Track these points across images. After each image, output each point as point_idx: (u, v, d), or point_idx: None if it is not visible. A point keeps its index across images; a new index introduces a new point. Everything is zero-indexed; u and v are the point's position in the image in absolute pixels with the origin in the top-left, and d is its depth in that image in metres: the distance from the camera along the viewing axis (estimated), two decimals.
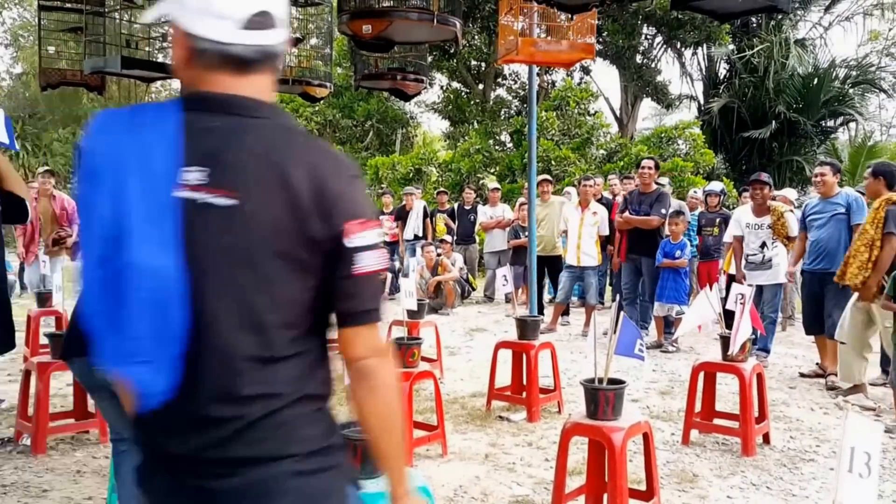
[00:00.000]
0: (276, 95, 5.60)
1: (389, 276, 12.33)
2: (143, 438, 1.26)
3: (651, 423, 3.31)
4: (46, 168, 7.39)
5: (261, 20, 1.21)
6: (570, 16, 4.60)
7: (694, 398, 4.15)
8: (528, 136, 5.36)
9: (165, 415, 1.19)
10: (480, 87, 18.64)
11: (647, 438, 3.19)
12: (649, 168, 6.74)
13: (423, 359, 4.95)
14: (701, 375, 4.19)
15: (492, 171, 15.26)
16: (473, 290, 10.57)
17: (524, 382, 5.05)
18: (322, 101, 17.19)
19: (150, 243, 1.13)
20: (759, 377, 4.10)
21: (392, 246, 12.26)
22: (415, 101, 22.49)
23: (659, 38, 16.73)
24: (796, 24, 15.64)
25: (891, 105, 18.18)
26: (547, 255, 8.18)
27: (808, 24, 16.41)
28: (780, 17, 14.38)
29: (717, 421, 4.30)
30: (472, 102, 18.59)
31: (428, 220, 11.33)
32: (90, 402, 4.24)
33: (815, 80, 15.03)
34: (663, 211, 6.68)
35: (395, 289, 11.73)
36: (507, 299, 10.22)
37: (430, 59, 10.87)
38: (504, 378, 5.07)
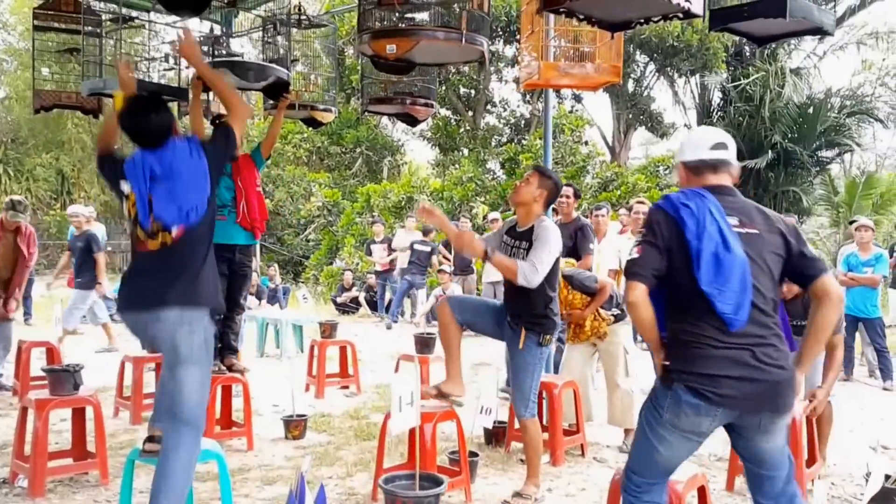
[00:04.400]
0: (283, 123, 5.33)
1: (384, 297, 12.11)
2: (723, 355, 2.33)
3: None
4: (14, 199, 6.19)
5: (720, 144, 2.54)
6: (593, 38, 4.44)
7: None
8: (544, 163, 5.15)
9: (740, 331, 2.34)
10: (470, 114, 18.56)
11: (703, 492, 2.94)
12: (567, 197, 5.67)
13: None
14: None
15: (483, 199, 15.11)
16: None
17: (544, 423, 4.80)
18: (310, 128, 17.16)
19: (737, 248, 2.34)
20: (809, 420, 3.86)
21: (384, 275, 12.02)
22: (403, 129, 22.47)
23: (652, 66, 16.77)
24: (790, 54, 15.74)
25: (886, 135, 18.33)
26: None
27: (803, 53, 16.54)
28: (774, 46, 14.46)
29: None
30: (461, 130, 18.49)
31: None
32: (89, 440, 4.08)
33: (811, 110, 15.07)
34: (591, 246, 5.71)
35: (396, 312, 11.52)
36: None
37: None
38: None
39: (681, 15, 3.03)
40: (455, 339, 3.84)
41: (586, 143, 15.34)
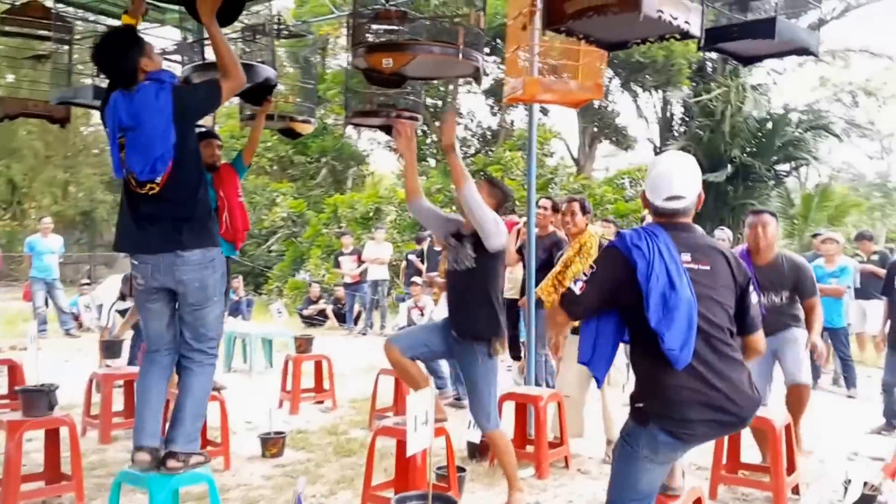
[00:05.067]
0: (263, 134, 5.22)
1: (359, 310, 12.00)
2: (674, 383, 2.37)
3: None
4: None
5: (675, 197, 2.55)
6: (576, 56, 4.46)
7: (721, 451, 3.95)
8: (528, 177, 5.16)
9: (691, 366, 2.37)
10: (438, 124, 18.59)
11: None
12: (545, 209, 5.69)
13: None
14: None
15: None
16: None
17: (527, 436, 4.79)
18: (275, 137, 16.92)
19: (683, 288, 2.37)
20: (788, 429, 3.93)
21: (354, 287, 11.92)
22: (368, 139, 22.37)
23: (617, 81, 17.05)
24: (751, 70, 16.14)
25: (840, 149, 18.93)
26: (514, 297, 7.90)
27: (763, 69, 17.00)
28: (735, 63, 14.77)
29: (743, 473, 4.12)
30: (428, 140, 18.49)
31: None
32: (63, 461, 3.97)
33: (770, 125, 15.47)
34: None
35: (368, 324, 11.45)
36: None
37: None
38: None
39: (678, 35, 3.07)
40: (415, 371, 3.76)
41: (552, 154, 15.48)
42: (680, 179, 2.57)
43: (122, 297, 7.20)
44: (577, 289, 2.48)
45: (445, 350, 3.82)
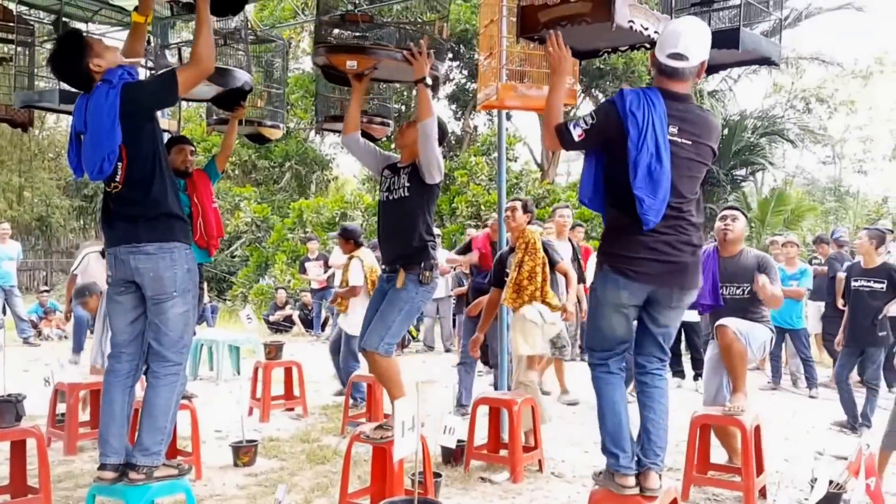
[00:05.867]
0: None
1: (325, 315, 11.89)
2: (637, 237, 2.83)
3: None
4: None
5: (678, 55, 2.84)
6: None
7: (693, 452, 4.02)
8: (498, 181, 5.18)
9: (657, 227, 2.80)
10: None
11: None
12: (512, 209, 5.08)
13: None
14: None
15: None
16: (413, 338, 10.27)
17: (501, 440, 4.82)
18: (238, 141, 16.69)
19: (667, 162, 2.74)
20: (758, 430, 4.02)
21: (321, 293, 11.82)
22: (331, 143, 22.22)
23: (578, 87, 17.16)
24: (707, 77, 16.46)
25: (794, 155, 19.42)
26: None
27: (719, 76, 17.33)
28: None
29: (712, 474, 4.20)
30: (392, 146, 18.44)
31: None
32: (29, 475, 3.88)
33: (727, 130, 15.79)
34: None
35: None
36: (447, 349, 10.02)
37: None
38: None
39: (647, 45, 3.15)
40: (395, 373, 3.74)
41: (517, 159, 15.59)
42: (686, 39, 2.82)
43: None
44: (575, 135, 2.85)
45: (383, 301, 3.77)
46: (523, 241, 4.88)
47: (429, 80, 3.59)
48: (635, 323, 3.03)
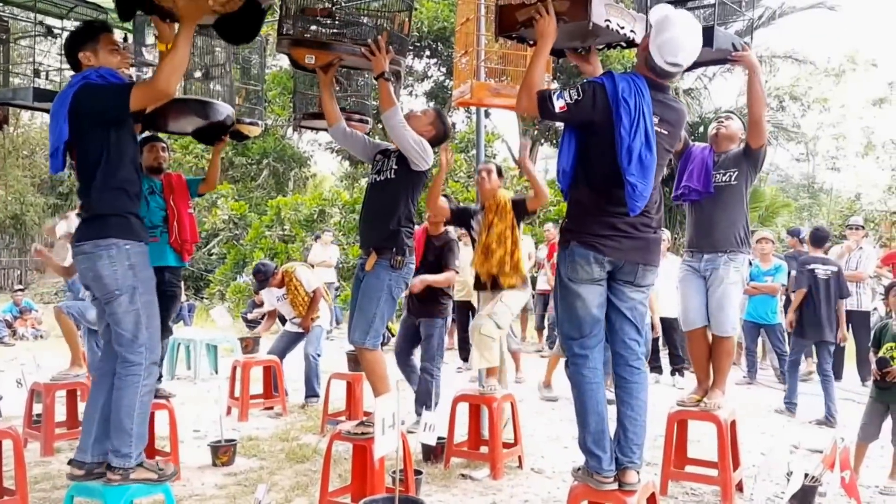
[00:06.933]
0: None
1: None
2: (612, 223, 2.91)
3: None
4: None
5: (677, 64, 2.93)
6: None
7: (671, 447, 4.07)
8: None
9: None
10: (380, 126, 18.47)
11: (652, 499, 3.05)
12: (488, 172, 4.94)
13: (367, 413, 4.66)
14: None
15: None
16: (392, 335, 10.25)
17: (481, 437, 4.85)
18: (234, 141, 16.39)
19: (654, 150, 2.80)
20: (734, 425, 4.09)
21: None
22: (309, 140, 22.10)
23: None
24: (683, 75, 16.63)
25: (768, 152, 19.57)
26: (466, 299, 7.99)
27: (693, 74, 17.50)
28: None
29: (689, 468, 4.25)
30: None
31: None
32: (6, 476, 3.84)
33: (702, 128, 15.94)
34: (456, 262, 5.60)
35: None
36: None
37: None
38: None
39: (623, 44, 3.19)
40: (381, 370, 3.78)
41: (495, 156, 15.60)
42: (687, 51, 2.91)
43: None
44: (557, 106, 2.82)
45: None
46: (494, 202, 4.82)
47: (387, 75, 3.60)
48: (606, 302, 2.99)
